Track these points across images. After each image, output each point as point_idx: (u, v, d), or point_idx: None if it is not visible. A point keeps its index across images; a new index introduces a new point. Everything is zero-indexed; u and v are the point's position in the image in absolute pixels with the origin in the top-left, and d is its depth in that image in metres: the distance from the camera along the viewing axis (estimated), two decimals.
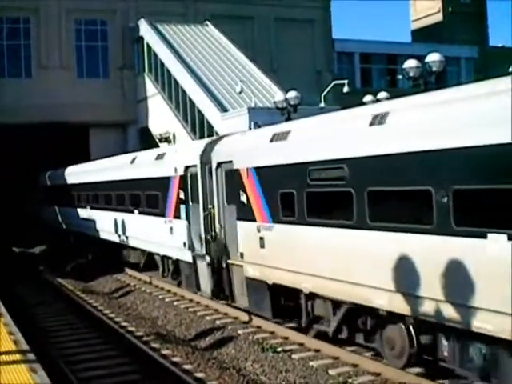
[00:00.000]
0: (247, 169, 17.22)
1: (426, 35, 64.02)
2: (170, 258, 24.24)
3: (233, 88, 38.43)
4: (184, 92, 41.55)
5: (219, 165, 19.03)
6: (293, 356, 14.89)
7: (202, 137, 35.79)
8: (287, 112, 26.57)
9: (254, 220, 16.95)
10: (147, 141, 45.09)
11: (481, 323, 10.22)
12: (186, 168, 21.36)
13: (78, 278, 29.96)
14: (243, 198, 17.45)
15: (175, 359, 15.35)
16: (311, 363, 14.25)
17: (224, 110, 36.78)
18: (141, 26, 48.07)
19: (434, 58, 19.72)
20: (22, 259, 39.01)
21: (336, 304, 14.46)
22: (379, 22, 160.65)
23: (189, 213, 21.44)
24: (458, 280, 10.56)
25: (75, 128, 46.56)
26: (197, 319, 19.59)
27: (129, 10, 49.93)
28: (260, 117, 27.70)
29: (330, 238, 13.98)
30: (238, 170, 17.72)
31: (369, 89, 44.78)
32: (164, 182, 23.11)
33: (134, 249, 28.60)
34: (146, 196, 25.91)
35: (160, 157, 24.52)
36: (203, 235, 20.18)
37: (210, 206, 19.56)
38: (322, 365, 14.11)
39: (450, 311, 10.86)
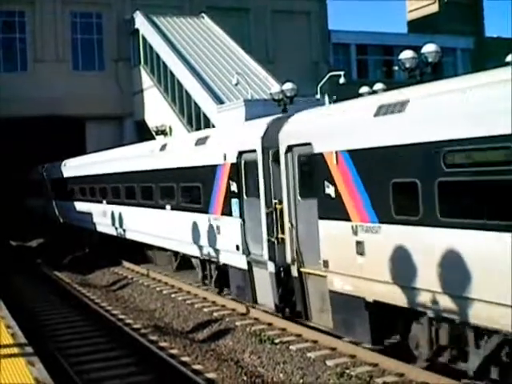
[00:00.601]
0: (336, 153, 13.35)
1: (422, 26, 63.95)
2: (213, 262, 20.47)
3: (229, 80, 38.42)
4: (180, 84, 41.52)
5: (290, 148, 15.36)
6: (290, 347, 14.89)
7: (198, 129, 35.75)
8: (283, 104, 26.56)
9: (346, 219, 13.14)
10: (144, 134, 45.07)
11: None
12: (240, 154, 17.58)
13: (75, 270, 29.91)
14: (329, 191, 13.69)
15: (173, 351, 15.34)
16: (309, 354, 14.24)
17: (220, 102, 36.76)
18: (136, 18, 48.00)
19: (429, 48, 19.69)
20: (20, 253, 39.02)
21: (480, 332, 10.78)
22: (375, 13, 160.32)
23: (243, 209, 17.66)
24: None
25: (71, 121, 46.51)
26: (194, 311, 19.57)
27: (124, 2, 49.95)
28: (256, 108, 27.67)
29: (481, 245, 10.08)
30: (320, 155, 13.92)
31: (365, 80, 44.81)
32: (207, 171, 19.46)
33: (163, 250, 25.42)
34: (181, 189, 22.11)
35: (201, 141, 20.50)
36: (265, 236, 16.45)
37: (275, 201, 16.05)
38: (320, 356, 14.10)
39: None
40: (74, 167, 36.67)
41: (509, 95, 9.30)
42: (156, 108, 45.50)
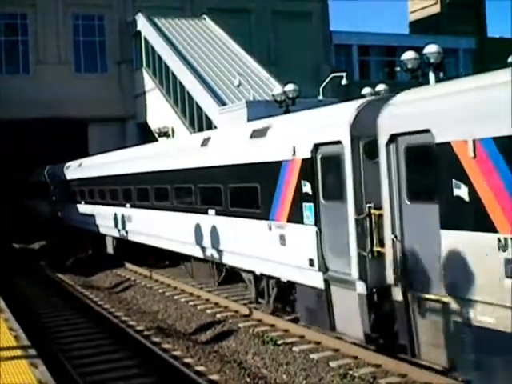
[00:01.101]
0: (474, 142, 10.16)
1: (423, 27, 63.97)
2: (274, 278, 17.13)
3: (231, 81, 38.41)
4: (182, 86, 41.54)
5: (394, 138, 12.06)
6: (293, 348, 14.88)
7: (200, 131, 35.76)
8: (286, 105, 26.59)
9: (491, 230, 9.90)
10: (146, 136, 45.10)
11: None
12: (316, 147, 14.25)
13: (78, 272, 29.93)
14: (461, 193, 10.49)
15: (176, 353, 15.35)
16: (312, 355, 14.24)
17: (222, 103, 36.76)
18: (138, 20, 48.05)
19: (431, 49, 19.75)
20: (24, 255, 39.07)
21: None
22: (377, 14, 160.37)
23: (320, 215, 14.35)
24: None
25: (73, 123, 46.53)
26: (197, 313, 19.57)
27: (126, 4, 50.03)
28: (258, 110, 27.67)
29: None
30: (447, 145, 10.64)
31: (367, 81, 44.83)
32: (268, 169, 16.21)
33: (205, 261, 21.84)
34: (230, 190, 18.65)
35: (260, 133, 17.01)
36: (354, 250, 13.10)
37: (368, 206, 12.83)
38: (323, 357, 14.09)
39: None
40: (87, 167, 35.03)
41: None
42: (158, 110, 45.52)
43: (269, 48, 52.61)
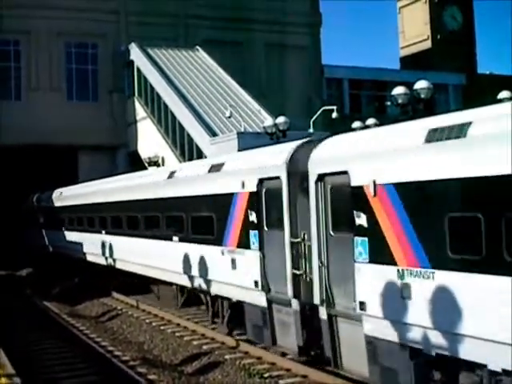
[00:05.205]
0: (378, 185, 11.78)
1: (414, 62, 64.43)
2: (226, 298, 18.85)
3: (222, 112, 38.54)
4: (173, 116, 41.66)
5: (321, 178, 13.57)
6: (280, 382, 14.81)
7: (190, 160, 35.78)
8: (276, 137, 26.66)
9: (390, 263, 11.53)
10: (136, 164, 45.07)
11: None
12: (261, 181, 16.01)
13: (64, 301, 29.73)
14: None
15: None
16: None
17: (213, 134, 36.86)
18: (131, 49, 48.27)
19: (422, 85, 19.86)
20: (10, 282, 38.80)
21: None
22: (368, 49, 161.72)
23: (263, 241, 16.07)
24: None
25: (64, 151, 46.53)
26: (183, 344, 19.48)
27: (120, 33, 50.22)
28: (249, 141, 27.74)
29: None
30: (359, 188, 12.23)
31: (358, 115, 44.97)
32: (222, 200, 17.87)
33: (169, 284, 23.89)
34: (191, 219, 20.45)
35: (216, 168, 18.78)
36: (289, 272, 14.89)
37: (303, 232, 14.34)
38: None
39: None
40: (70, 196, 35.87)
41: None
42: (149, 139, 45.58)
43: (260, 80, 52.85)
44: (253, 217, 16.34)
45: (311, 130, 35.47)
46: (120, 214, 27.42)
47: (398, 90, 20.86)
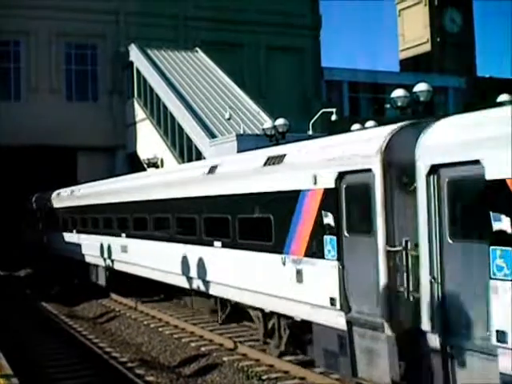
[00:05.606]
0: None
1: (414, 65, 64.53)
2: (286, 316, 15.68)
3: (221, 114, 38.58)
4: (173, 117, 41.68)
5: (435, 169, 10.81)
6: None
7: (189, 161, 35.76)
8: (275, 139, 26.69)
9: None
10: (135, 165, 45.10)
11: None
12: (341, 175, 12.93)
13: (63, 302, 29.70)
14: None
15: None
16: None
17: (212, 136, 36.86)
18: (131, 51, 48.29)
19: (421, 87, 19.92)
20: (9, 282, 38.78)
21: None
22: (368, 52, 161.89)
23: (343, 249, 12.95)
24: None
25: (63, 151, 46.52)
26: (182, 346, 19.44)
27: (119, 34, 50.24)
28: (248, 143, 27.76)
29: None
30: (500, 183, 9.53)
31: (357, 117, 45.04)
32: (283, 199, 14.93)
33: (207, 296, 20.62)
34: (238, 221, 17.22)
35: (274, 160, 15.71)
36: (382, 288, 11.82)
37: (405, 239, 11.55)
38: None
39: None
40: (72, 197, 34.53)
41: None
42: (148, 140, 45.59)
43: (260, 82, 52.92)
44: (329, 219, 13.28)
45: (310, 132, 35.50)
46: (144, 215, 24.36)
47: (398, 93, 20.92)
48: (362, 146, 12.55)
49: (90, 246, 30.87)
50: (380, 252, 11.82)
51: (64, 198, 36.55)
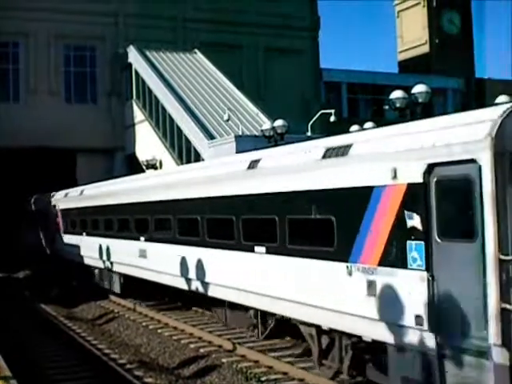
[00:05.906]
0: None
1: (412, 66, 64.53)
2: (349, 335, 13.27)
3: (220, 116, 38.55)
4: (171, 119, 41.68)
5: None
6: None
7: (188, 163, 35.74)
8: (274, 140, 26.68)
9: None
10: (134, 167, 45.09)
11: None
12: (431, 168, 10.72)
13: (62, 303, 29.68)
14: None
15: None
16: None
17: (211, 137, 36.86)
18: (130, 52, 48.29)
19: (420, 89, 19.90)
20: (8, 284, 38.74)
21: None
22: (366, 53, 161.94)
23: (433, 257, 10.72)
24: None
25: (62, 153, 46.52)
26: (181, 347, 19.43)
27: (118, 36, 50.24)
28: (247, 144, 27.75)
29: None
30: None
31: (355, 118, 45.03)
32: (350, 197, 12.67)
33: (244, 308, 18.35)
34: (288, 223, 14.76)
35: (336, 152, 13.31)
36: (493, 306, 9.66)
37: None
38: None
39: None
40: (71, 198, 33.81)
41: None
42: (147, 142, 45.61)
43: (259, 83, 52.95)
44: (414, 221, 11.04)
45: (309, 133, 35.49)
46: (167, 216, 21.96)
47: (396, 94, 20.89)
48: (462, 132, 10.36)
49: (99, 249, 29.13)
50: (489, 261, 9.78)
51: (70, 198, 35.59)
